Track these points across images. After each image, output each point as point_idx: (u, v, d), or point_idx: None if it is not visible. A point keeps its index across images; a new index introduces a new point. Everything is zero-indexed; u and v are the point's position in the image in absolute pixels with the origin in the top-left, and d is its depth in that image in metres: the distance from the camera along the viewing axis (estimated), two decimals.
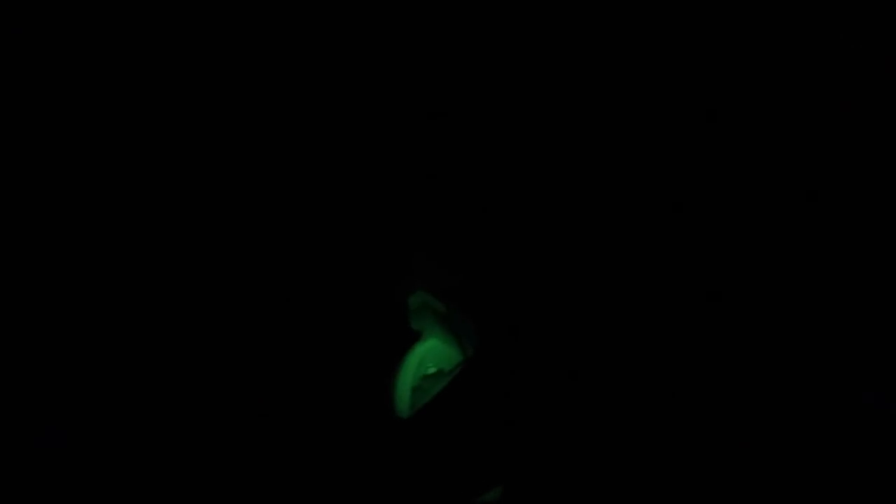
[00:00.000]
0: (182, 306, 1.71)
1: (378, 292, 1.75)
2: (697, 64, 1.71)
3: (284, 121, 1.76)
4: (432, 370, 1.75)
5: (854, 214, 1.66)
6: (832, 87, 1.69)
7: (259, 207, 1.75)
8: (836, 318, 1.64)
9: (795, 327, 1.64)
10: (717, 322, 1.65)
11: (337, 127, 1.76)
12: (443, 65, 1.75)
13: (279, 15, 1.75)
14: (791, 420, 1.61)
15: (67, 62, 1.73)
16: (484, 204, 1.74)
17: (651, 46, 1.72)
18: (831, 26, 1.69)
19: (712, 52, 1.71)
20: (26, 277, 1.70)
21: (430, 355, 1.76)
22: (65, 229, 1.71)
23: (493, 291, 1.72)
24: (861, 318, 1.63)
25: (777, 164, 1.68)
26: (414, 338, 1.76)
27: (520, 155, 1.75)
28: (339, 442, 1.67)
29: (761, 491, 1.59)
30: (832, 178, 1.68)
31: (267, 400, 1.70)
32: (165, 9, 1.73)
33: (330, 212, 1.76)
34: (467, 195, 1.75)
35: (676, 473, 1.60)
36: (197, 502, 1.64)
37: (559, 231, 1.72)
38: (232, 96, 1.76)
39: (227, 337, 1.71)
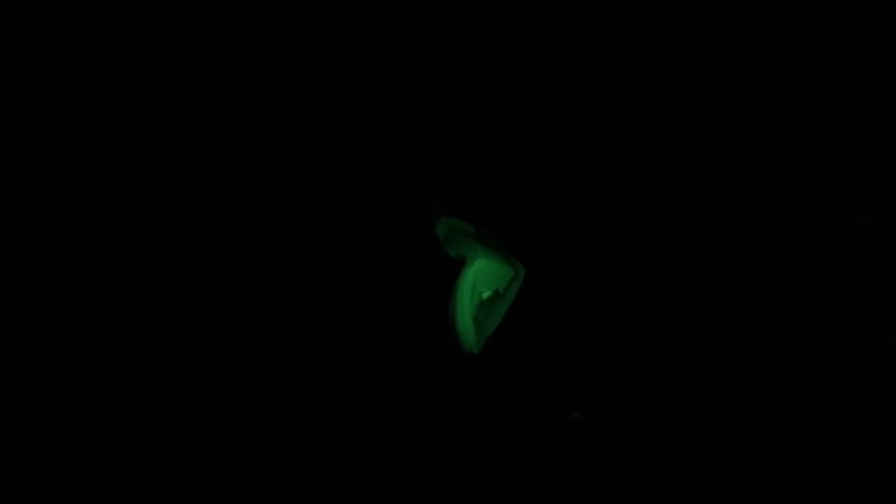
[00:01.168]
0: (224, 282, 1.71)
1: (404, 233, 1.70)
2: (698, 64, 1.72)
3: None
4: (487, 293, 1.66)
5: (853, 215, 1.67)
6: (832, 87, 1.70)
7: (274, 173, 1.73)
8: (836, 316, 1.65)
9: (795, 326, 1.65)
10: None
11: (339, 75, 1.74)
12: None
13: (279, 15, 1.75)
14: (791, 419, 1.62)
15: (67, 62, 1.73)
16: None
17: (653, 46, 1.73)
18: (831, 26, 1.69)
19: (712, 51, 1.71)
20: (26, 277, 1.70)
21: (480, 278, 1.64)
22: (65, 229, 1.71)
23: (509, 203, 1.67)
24: (860, 317, 1.64)
25: (778, 164, 1.69)
26: (456, 268, 1.65)
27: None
28: (422, 392, 1.64)
29: (762, 490, 1.60)
30: (832, 177, 1.68)
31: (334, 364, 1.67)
32: (165, 9, 1.73)
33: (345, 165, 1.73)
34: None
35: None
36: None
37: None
38: (231, 94, 1.76)
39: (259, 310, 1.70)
